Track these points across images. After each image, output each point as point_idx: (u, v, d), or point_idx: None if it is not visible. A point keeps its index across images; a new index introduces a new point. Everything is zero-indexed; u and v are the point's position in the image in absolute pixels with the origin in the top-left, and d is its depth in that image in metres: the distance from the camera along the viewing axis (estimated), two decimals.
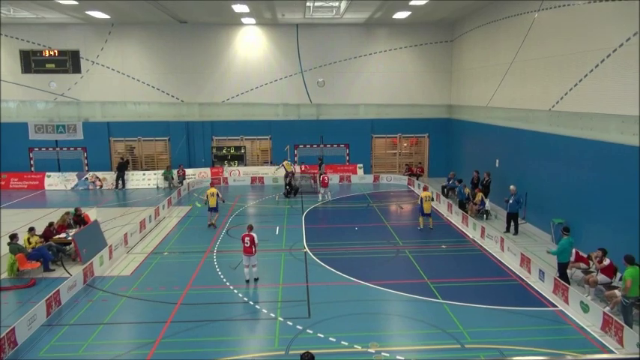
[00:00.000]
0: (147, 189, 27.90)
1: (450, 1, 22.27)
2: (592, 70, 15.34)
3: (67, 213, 17.91)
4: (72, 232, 16.59)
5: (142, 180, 28.69)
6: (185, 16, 26.24)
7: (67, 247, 16.03)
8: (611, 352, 10.03)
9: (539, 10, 18.64)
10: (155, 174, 28.79)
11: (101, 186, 28.13)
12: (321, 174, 26.05)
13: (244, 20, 27.70)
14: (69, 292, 13.02)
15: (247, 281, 13.96)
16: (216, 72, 29.54)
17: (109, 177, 28.34)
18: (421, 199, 19.21)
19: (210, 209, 19.84)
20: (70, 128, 29.22)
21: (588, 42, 15.51)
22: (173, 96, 29.65)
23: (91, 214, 19.26)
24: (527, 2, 19.39)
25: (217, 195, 19.79)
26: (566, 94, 16.86)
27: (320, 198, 24.47)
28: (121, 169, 28.06)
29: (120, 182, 27.93)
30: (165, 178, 28.06)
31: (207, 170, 29.51)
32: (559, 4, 17.21)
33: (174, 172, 28.36)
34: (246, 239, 13.79)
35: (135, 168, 29.74)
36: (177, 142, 29.80)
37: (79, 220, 17.88)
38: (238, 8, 23.51)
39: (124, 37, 28.79)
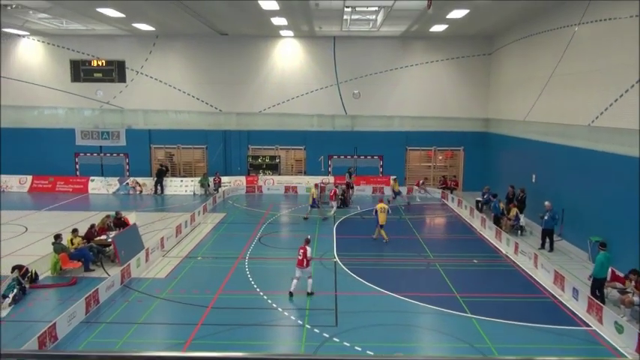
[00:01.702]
0: (184, 195, 28.70)
1: (488, 15, 22.13)
2: (633, 86, 14.97)
3: (108, 216, 18.70)
4: (112, 234, 17.29)
5: (180, 186, 29.55)
6: (226, 28, 27.05)
7: (107, 249, 16.71)
8: None
9: (579, 24, 18.34)
10: (192, 181, 29.59)
11: (141, 191, 29.11)
12: (349, 185, 26.31)
13: (283, 33, 28.30)
14: (107, 291, 13.58)
15: (291, 294, 13.64)
16: (254, 83, 30.23)
17: (149, 183, 29.31)
18: (376, 210, 19.23)
19: (311, 205, 23.03)
20: (114, 135, 30.45)
21: (629, 56, 15.15)
22: (212, 105, 30.49)
23: (131, 218, 19.98)
24: (568, 16, 19.10)
25: (313, 194, 23.13)
26: (606, 109, 16.49)
27: (332, 212, 23.74)
28: (160, 175, 28.99)
29: (158, 188, 28.84)
30: (202, 185, 28.78)
31: (243, 178, 30.10)
32: (600, 17, 16.91)
33: (211, 179, 29.06)
34: (300, 252, 13.86)
35: (173, 175, 30.65)
36: (214, 151, 30.58)
37: (119, 223, 18.61)
38: (277, 21, 24.10)
39: (167, 49, 29.89)
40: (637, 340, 10.40)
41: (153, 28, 26.83)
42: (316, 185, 24.44)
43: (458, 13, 21.60)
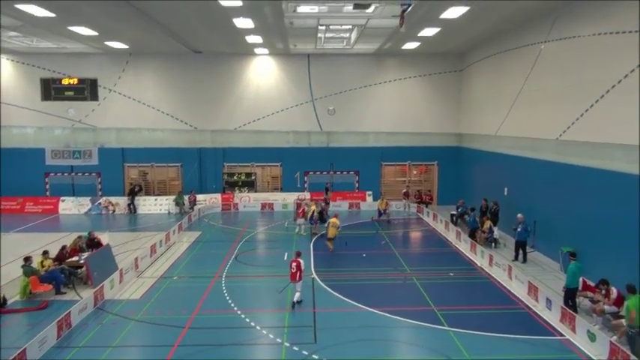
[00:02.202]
0: (158, 214, 28.30)
1: (458, 33, 22.72)
2: (598, 101, 15.56)
3: (80, 237, 18.28)
4: (84, 255, 16.89)
5: (154, 205, 29.14)
6: (200, 46, 27.08)
7: (79, 271, 16.31)
8: None
9: (545, 42, 19.01)
10: (167, 199, 29.23)
11: (114, 211, 28.58)
12: (326, 201, 26.37)
13: (257, 50, 28.47)
14: (79, 314, 13.23)
15: (293, 305, 14.09)
16: (230, 100, 30.23)
17: (122, 202, 28.81)
18: (329, 223, 20.57)
19: (310, 221, 22.99)
20: (86, 154, 29.93)
21: (594, 72, 15.78)
22: (187, 123, 30.32)
23: (103, 238, 19.60)
24: (534, 34, 19.79)
25: (314, 211, 23.15)
26: (573, 123, 17.05)
27: (296, 230, 23.41)
28: (132, 194, 28.54)
29: (131, 207, 28.36)
30: (177, 204, 28.45)
31: (218, 196, 29.88)
32: (565, 35, 17.57)
33: (186, 197, 28.77)
34: (293, 265, 14.13)
35: (147, 193, 30.21)
36: (189, 168, 30.32)
37: (92, 243, 18.22)
38: (252, 39, 24.26)
39: (141, 66, 29.70)
40: (609, 347, 10.65)
41: (126, 46, 26.67)
42: (316, 202, 24.87)
43: (429, 32, 22.14)
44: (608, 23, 15.03)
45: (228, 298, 14.94)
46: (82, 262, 16.28)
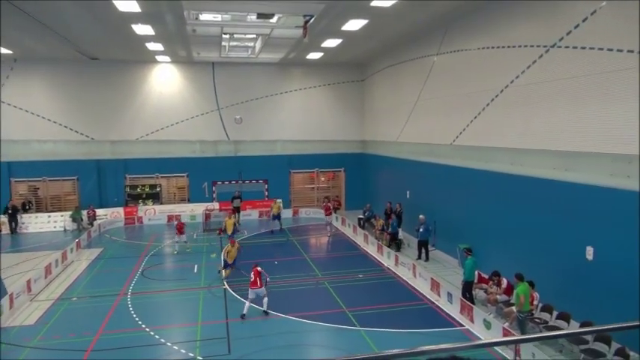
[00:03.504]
0: (53, 232, 26.22)
1: (359, 45, 23.65)
2: (484, 109, 17.04)
3: None
4: None
5: (47, 223, 26.96)
6: (97, 52, 25.62)
7: None
8: None
9: (437, 54, 20.45)
10: (62, 215, 27.17)
11: (0, 231, 26.01)
12: (235, 209, 26.15)
13: (159, 58, 27.54)
14: None
15: (242, 316, 13.85)
16: (130, 109, 28.89)
17: (7, 221, 26.29)
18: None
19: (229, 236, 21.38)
20: None
21: (480, 84, 17.26)
22: (82, 134, 28.47)
23: None
24: (428, 47, 21.21)
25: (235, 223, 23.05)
26: (464, 129, 18.49)
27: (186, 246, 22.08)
28: (14, 211, 26.09)
29: (13, 225, 25.95)
30: (74, 220, 26.56)
31: (120, 210, 28.35)
32: (455, 48, 19.05)
33: (84, 213, 26.96)
34: (251, 274, 14.22)
35: (39, 210, 27.89)
36: (87, 182, 28.45)
37: None
38: (153, 46, 23.45)
39: (29, 73, 27.37)
40: (502, 333, 11.67)
41: (10, 51, 24.52)
42: (234, 212, 24.74)
43: (332, 42, 22.87)
44: (490, 39, 16.55)
45: (135, 315, 14.27)
46: None
